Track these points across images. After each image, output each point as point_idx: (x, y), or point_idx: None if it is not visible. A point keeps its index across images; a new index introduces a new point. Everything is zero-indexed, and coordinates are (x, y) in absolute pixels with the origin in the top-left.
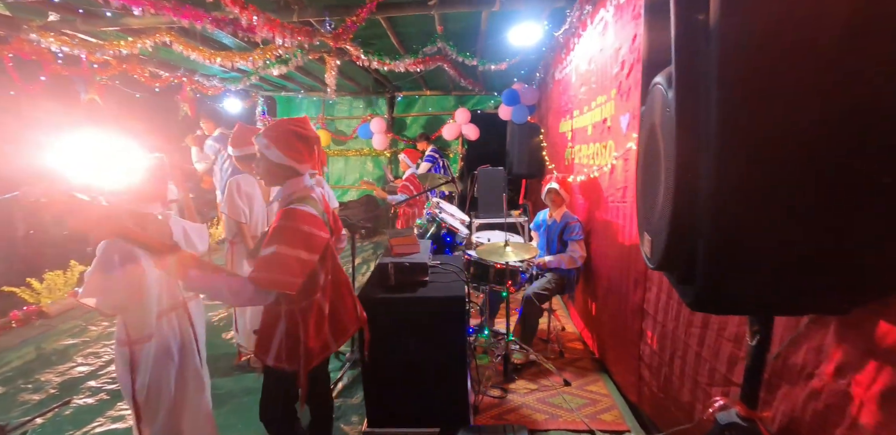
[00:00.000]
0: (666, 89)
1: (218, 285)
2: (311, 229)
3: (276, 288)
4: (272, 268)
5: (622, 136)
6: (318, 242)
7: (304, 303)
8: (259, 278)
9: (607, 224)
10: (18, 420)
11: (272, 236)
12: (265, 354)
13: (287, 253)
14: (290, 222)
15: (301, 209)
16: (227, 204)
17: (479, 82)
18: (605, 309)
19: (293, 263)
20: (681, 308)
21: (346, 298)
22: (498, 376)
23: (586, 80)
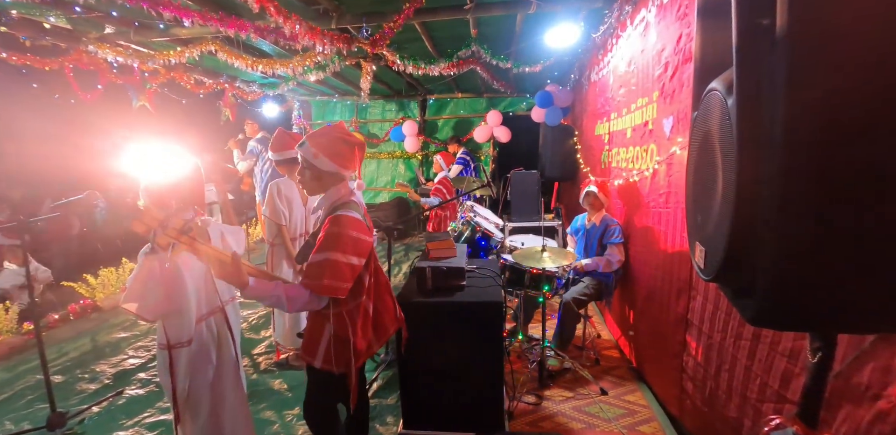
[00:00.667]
0: (724, 97)
1: (276, 293)
2: (359, 234)
3: (330, 294)
4: (326, 274)
5: (665, 140)
6: (364, 247)
7: (351, 305)
8: (314, 285)
9: (648, 230)
10: (77, 408)
11: (323, 243)
12: (312, 356)
13: (339, 259)
14: (339, 229)
15: (348, 215)
16: (269, 207)
17: (511, 84)
18: (644, 317)
19: (345, 269)
20: (729, 319)
21: (386, 299)
22: (533, 382)
23: (626, 81)
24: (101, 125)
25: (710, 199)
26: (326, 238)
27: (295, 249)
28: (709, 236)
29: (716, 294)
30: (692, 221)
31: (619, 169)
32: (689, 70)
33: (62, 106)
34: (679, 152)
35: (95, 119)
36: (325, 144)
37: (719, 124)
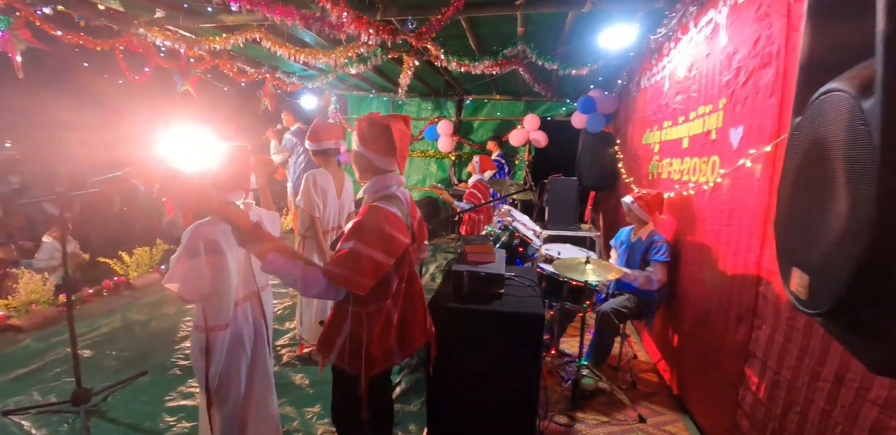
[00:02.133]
0: (857, 99)
1: (293, 271)
2: (392, 231)
3: (346, 285)
4: (346, 264)
5: (732, 152)
6: (396, 245)
7: (372, 307)
8: (331, 273)
9: (703, 248)
10: (102, 385)
11: (352, 231)
12: (328, 350)
13: (363, 251)
14: (372, 220)
15: (385, 208)
16: (303, 198)
17: (552, 88)
18: (691, 342)
19: (367, 263)
20: (805, 356)
21: (417, 310)
22: (565, 401)
23: (684, 87)
24: (147, 107)
25: (822, 217)
26: (355, 227)
27: (326, 242)
28: (817, 262)
29: (788, 326)
30: (786, 243)
31: (670, 181)
32: (768, 75)
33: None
34: (749, 165)
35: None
36: (363, 130)
37: (845, 130)
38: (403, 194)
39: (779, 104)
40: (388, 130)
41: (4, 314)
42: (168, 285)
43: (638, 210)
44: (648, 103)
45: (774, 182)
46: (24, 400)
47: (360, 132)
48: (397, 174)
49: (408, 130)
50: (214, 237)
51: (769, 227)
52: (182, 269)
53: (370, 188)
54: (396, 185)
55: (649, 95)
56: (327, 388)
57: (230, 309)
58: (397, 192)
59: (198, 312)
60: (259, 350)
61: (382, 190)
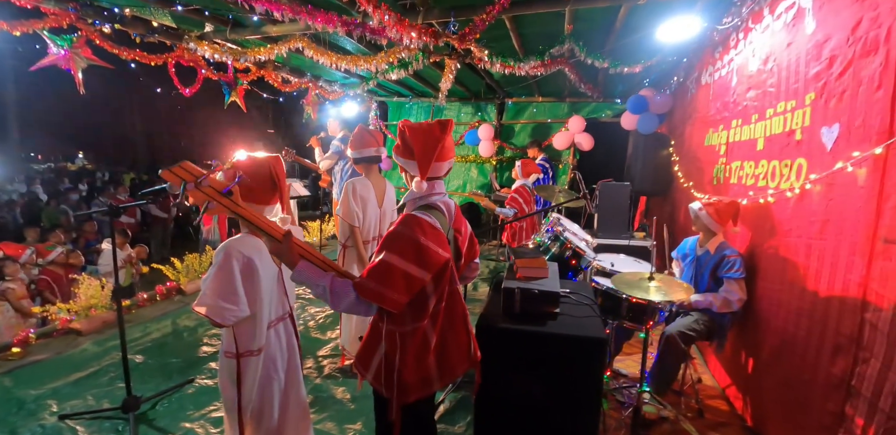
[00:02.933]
0: None
1: (323, 282)
2: (428, 242)
3: (376, 301)
4: (377, 277)
5: (824, 154)
6: (433, 259)
7: (407, 326)
8: (361, 286)
9: (786, 264)
10: (151, 392)
11: (386, 241)
12: (365, 369)
13: (396, 264)
14: (407, 230)
15: (422, 218)
16: (342, 207)
17: (598, 88)
18: (771, 371)
19: (398, 277)
20: None
21: (459, 333)
22: (623, 429)
23: (758, 82)
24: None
25: None
26: (389, 237)
27: (367, 252)
28: None
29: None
30: None
31: (742, 187)
32: (874, 65)
33: (165, 100)
34: (851, 170)
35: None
36: (400, 137)
37: None
38: (447, 205)
39: (890, 98)
40: (417, 135)
41: (66, 318)
42: (198, 309)
43: (707, 219)
44: (711, 101)
45: (886, 191)
46: (80, 404)
47: (401, 140)
48: (439, 182)
49: (441, 135)
50: (249, 255)
51: (878, 243)
52: (215, 290)
53: (409, 196)
54: (438, 193)
55: (712, 92)
56: (370, 403)
57: (263, 332)
58: (439, 202)
59: (227, 336)
60: (293, 375)
61: (422, 199)
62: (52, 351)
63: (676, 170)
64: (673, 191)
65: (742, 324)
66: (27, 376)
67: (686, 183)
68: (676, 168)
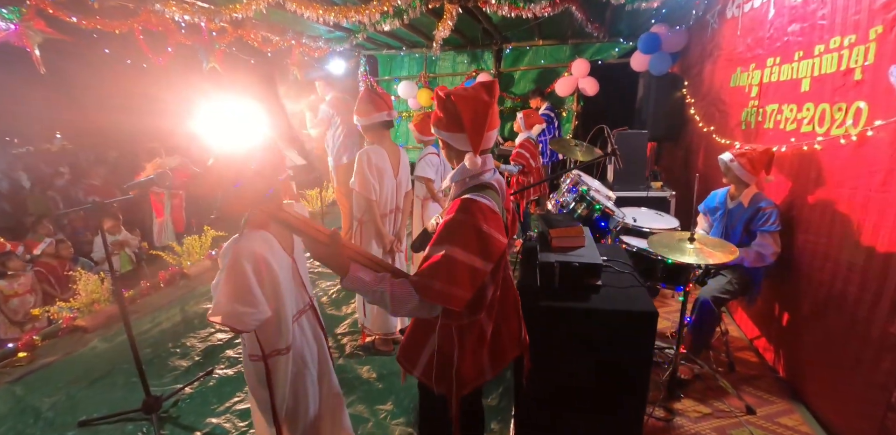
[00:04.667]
0: None
1: (380, 289)
2: (491, 231)
3: (441, 302)
4: (440, 275)
5: (893, 97)
6: (496, 247)
7: (464, 320)
8: (424, 286)
9: (836, 217)
10: (172, 388)
11: (443, 233)
12: (412, 364)
13: (461, 258)
14: (469, 218)
15: (482, 201)
16: (357, 179)
17: (604, 27)
18: (812, 325)
19: (464, 272)
20: None
21: (511, 319)
22: (659, 391)
23: (804, 14)
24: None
25: None
26: (448, 227)
27: (385, 226)
28: None
29: None
30: None
31: (779, 132)
32: None
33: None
34: None
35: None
36: (435, 108)
37: None
38: (499, 183)
39: None
40: (465, 103)
41: (69, 316)
42: (214, 319)
43: (739, 170)
44: (740, 37)
45: None
46: (99, 407)
47: (435, 110)
48: (489, 157)
49: (490, 99)
50: (260, 252)
51: None
52: (228, 295)
53: (458, 175)
54: (489, 170)
55: (741, 27)
56: (397, 381)
57: (290, 329)
58: (492, 180)
59: (249, 339)
60: (324, 366)
61: (474, 178)
62: (60, 352)
63: (693, 113)
64: (686, 135)
65: (776, 277)
66: (39, 382)
67: (706, 127)
68: (692, 111)
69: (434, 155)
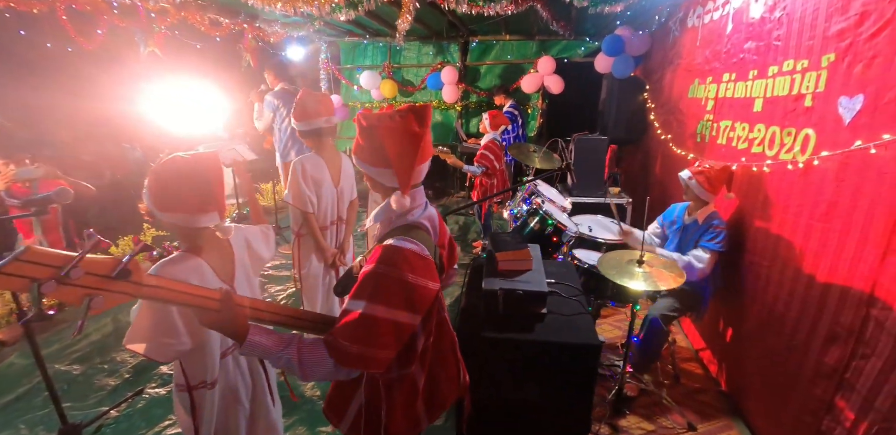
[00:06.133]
0: None
1: (287, 354)
2: (419, 280)
3: (361, 367)
4: (359, 337)
5: (840, 128)
6: (425, 297)
7: (393, 374)
8: (338, 350)
9: (780, 242)
10: (95, 411)
11: (360, 287)
12: (338, 418)
13: (381, 316)
14: (391, 270)
15: (405, 247)
16: (291, 191)
17: (570, 26)
18: (754, 344)
19: (388, 331)
20: None
21: (449, 365)
22: (604, 407)
23: (761, 33)
24: (108, 76)
25: None
26: (367, 280)
27: (327, 238)
28: None
29: None
30: None
31: (731, 150)
32: None
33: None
34: (874, 152)
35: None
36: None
37: None
38: (430, 218)
39: None
40: (390, 135)
41: None
42: (131, 347)
43: (697, 188)
44: (699, 48)
45: None
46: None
47: (356, 138)
48: (420, 191)
49: (421, 130)
50: (186, 277)
51: (895, 239)
52: (148, 323)
53: (381, 214)
54: (420, 206)
55: (701, 38)
56: None
57: (216, 363)
58: (422, 218)
59: (176, 368)
60: (260, 402)
61: (401, 217)
62: None
63: (652, 119)
64: (646, 140)
65: (726, 297)
66: None
67: (664, 135)
68: (652, 116)
69: None
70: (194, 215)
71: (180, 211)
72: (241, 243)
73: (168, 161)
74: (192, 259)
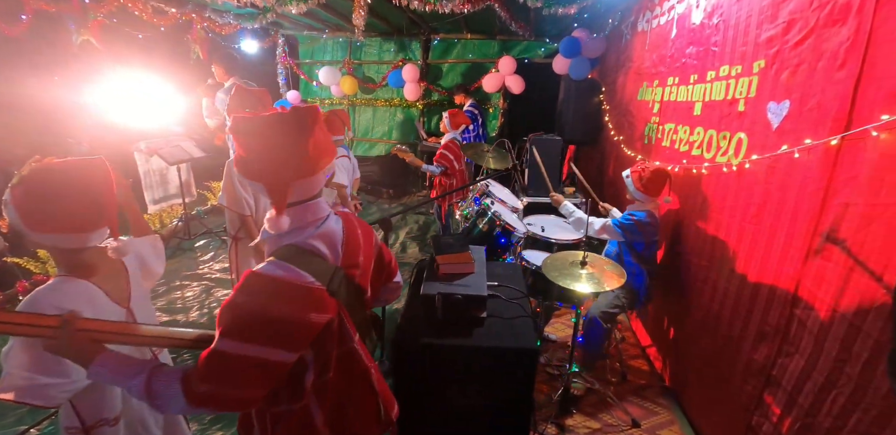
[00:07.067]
0: None
1: (136, 382)
2: (289, 313)
3: (215, 407)
4: (208, 375)
5: (769, 132)
6: (300, 332)
7: (281, 407)
8: (188, 389)
9: (715, 242)
10: (14, 430)
11: (220, 318)
12: None
13: (234, 352)
14: (250, 300)
15: (279, 276)
16: (226, 194)
17: (529, 27)
18: (693, 341)
19: (245, 370)
20: (855, 409)
21: (362, 399)
22: (552, 406)
23: (701, 38)
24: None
25: None
26: (223, 312)
27: None
28: None
29: (834, 369)
30: None
31: (674, 152)
32: (840, 37)
33: None
34: (798, 156)
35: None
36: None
37: None
38: (328, 237)
39: (853, 80)
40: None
41: None
42: (5, 396)
43: (630, 186)
44: (647, 52)
45: (834, 185)
46: None
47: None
48: (313, 205)
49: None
50: (72, 305)
51: (818, 239)
52: (25, 364)
53: (265, 235)
54: (313, 222)
55: (648, 42)
56: None
57: (115, 398)
58: (312, 239)
59: (66, 410)
60: (174, 429)
61: (285, 237)
62: None
63: (607, 120)
64: (602, 141)
65: (666, 292)
66: None
67: (617, 136)
68: (607, 118)
69: (345, 158)
70: (79, 234)
71: (61, 230)
72: (134, 261)
73: (40, 168)
74: (75, 283)
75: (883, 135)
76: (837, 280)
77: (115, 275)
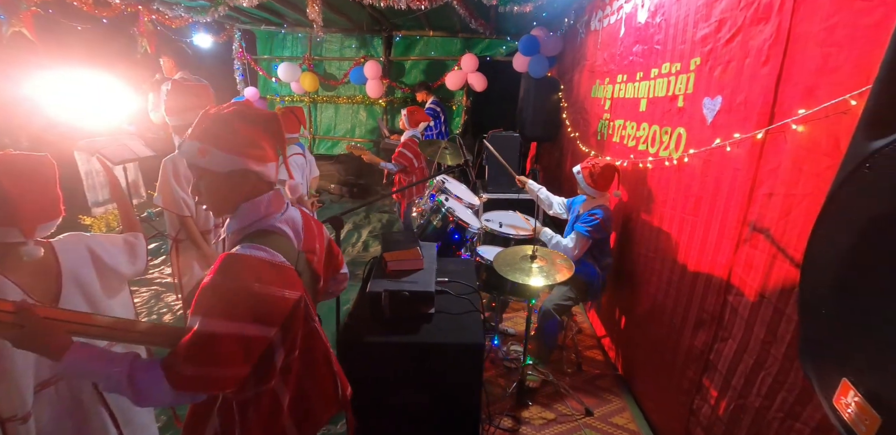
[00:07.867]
0: None
1: (114, 373)
2: (267, 288)
3: (204, 389)
4: (195, 356)
5: (704, 127)
6: (278, 308)
7: (248, 393)
8: (175, 375)
9: (660, 234)
10: None
11: (201, 300)
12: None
13: (223, 331)
14: (230, 279)
15: (251, 255)
16: (163, 194)
17: (490, 24)
18: (641, 331)
19: (232, 348)
20: (780, 389)
21: (322, 379)
22: (508, 400)
23: (645, 37)
24: None
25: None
26: (203, 294)
27: (210, 244)
28: None
29: (762, 351)
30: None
31: (623, 147)
32: (763, 35)
33: None
34: (730, 150)
35: None
36: (213, 131)
37: None
38: (290, 221)
39: (775, 76)
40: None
41: None
42: None
43: (581, 181)
44: (599, 50)
45: (759, 177)
46: None
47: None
48: (276, 194)
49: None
50: None
51: (746, 229)
52: None
53: (241, 219)
54: (277, 210)
55: (600, 41)
56: None
57: (25, 396)
58: (278, 223)
59: None
60: None
61: (259, 220)
62: None
63: (565, 117)
64: (561, 138)
65: (617, 283)
66: None
67: (573, 133)
68: (565, 115)
69: (299, 155)
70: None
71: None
72: (80, 256)
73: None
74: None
75: (800, 128)
76: (763, 267)
77: (41, 270)
